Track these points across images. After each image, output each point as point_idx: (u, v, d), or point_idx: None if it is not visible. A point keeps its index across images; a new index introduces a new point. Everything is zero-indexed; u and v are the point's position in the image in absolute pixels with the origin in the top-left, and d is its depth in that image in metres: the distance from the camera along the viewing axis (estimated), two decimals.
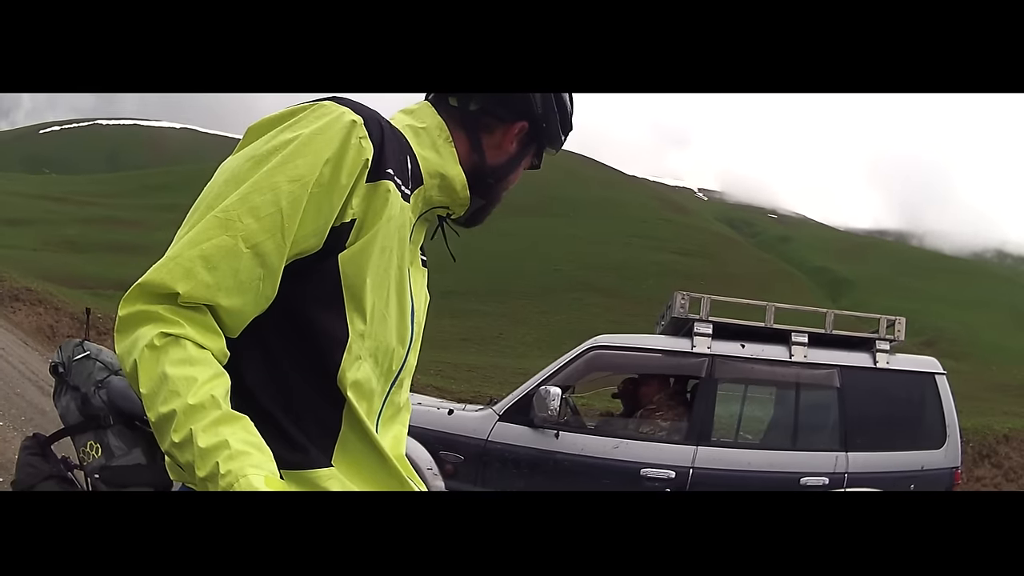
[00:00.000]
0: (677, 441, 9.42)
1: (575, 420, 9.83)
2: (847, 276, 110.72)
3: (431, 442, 9.30)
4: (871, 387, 9.73)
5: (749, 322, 10.02)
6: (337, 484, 2.21)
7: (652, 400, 9.88)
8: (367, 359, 2.28)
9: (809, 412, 9.98)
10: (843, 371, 9.67)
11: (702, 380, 9.76)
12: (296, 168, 2.10)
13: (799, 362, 9.73)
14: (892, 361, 9.75)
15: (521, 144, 2.62)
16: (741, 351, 9.75)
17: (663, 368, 10.16)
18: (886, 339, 9.75)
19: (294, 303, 2.18)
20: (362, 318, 2.24)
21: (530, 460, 9.23)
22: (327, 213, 2.15)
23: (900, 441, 9.58)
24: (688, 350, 9.74)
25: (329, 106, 2.20)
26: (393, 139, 2.28)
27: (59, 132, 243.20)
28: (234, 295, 2.06)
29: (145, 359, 1.95)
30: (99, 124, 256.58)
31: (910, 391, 9.83)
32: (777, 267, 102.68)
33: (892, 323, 9.83)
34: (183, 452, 1.90)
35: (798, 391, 9.92)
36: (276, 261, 2.10)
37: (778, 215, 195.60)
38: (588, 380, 10.73)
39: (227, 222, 2.05)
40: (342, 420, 2.26)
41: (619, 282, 75.99)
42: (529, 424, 9.25)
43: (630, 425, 9.87)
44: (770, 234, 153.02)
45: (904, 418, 9.85)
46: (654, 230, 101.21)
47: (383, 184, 2.21)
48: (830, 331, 9.89)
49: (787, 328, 9.86)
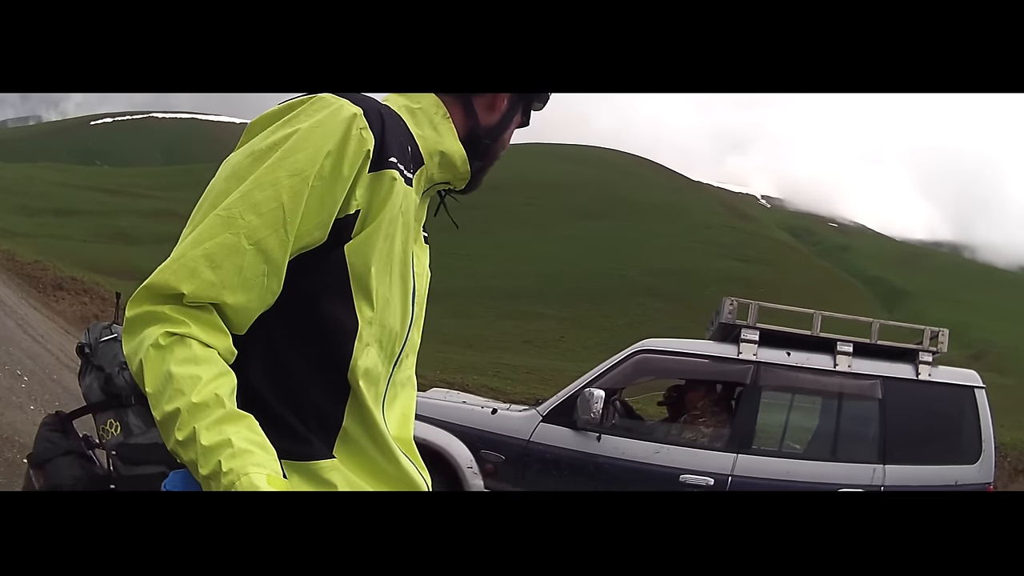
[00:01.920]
0: (718, 448, 9.25)
1: (619, 423, 9.69)
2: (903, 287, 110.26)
3: (473, 441, 9.24)
4: (912, 399, 9.48)
5: (795, 330, 9.79)
6: (338, 475, 2.18)
7: (696, 406, 9.74)
8: (374, 344, 2.25)
9: (850, 423, 9.75)
10: (885, 382, 9.43)
11: (746, 387, 9.58)
12: (296, 162, 2.07)
13: (842, 372, 9.50)
14: (934, 373, 9.49)
15: (511, 100, 2.55)
16: (786, 359, 9.55)
17: (708, 374, 9.99)
18: (929, 351, 9.50)
19: (302, 296, 2.15)
20: (370, 306, 2.21)
21: (571, 462, 9.10)
22: (330, 206, 2.11)
23: (937, 454, 9.33)
24: (734, 356, 9.55)
25: (328, 99, 2.17)
26: (394, 126, 2.25)
27: (111, 124, 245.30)
28: (239, 292, 2.03)
29: (151, 358, 1.94)
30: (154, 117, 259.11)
31: (949, 404, 9.56)
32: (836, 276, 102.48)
33: (936, 335, 9.57)
34: (187, 450, 1.88)
35: (840, 401, 9.69)
36: (280, 256, 2.07)
37: (838, 223, 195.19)
38: (637, 384, 10.60)
39: (229, 220, 2.03)
40: (345, 411, 2.22)
41: (682, 288, 76.08)
42: (572, 426, 9.14)
43: (673, 430, 9.75)
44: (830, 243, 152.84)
45: (942, 431, 9.59)
46: (718, 236, 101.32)
47: (387, 173, 2.18)
48: (875, 341, 9.66)
49: (833, 337, 9.65)
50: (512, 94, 2.54)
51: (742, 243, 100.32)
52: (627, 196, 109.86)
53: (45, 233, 64.94)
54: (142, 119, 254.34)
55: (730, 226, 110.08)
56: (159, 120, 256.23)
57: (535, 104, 2.66)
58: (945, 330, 9.67)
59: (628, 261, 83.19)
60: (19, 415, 9.50)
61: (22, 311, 17.29)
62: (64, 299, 23.70)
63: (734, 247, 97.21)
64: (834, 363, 9.53)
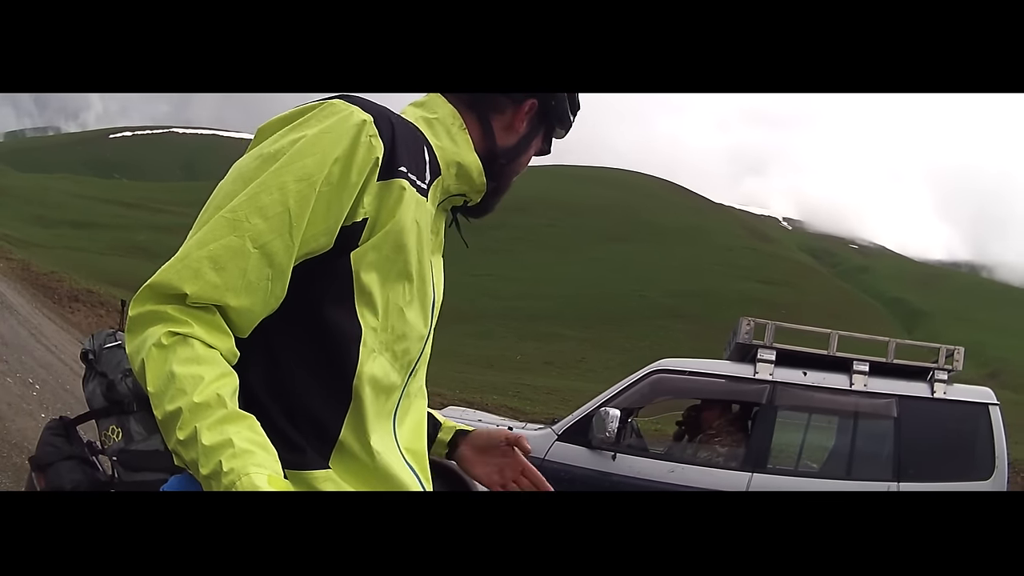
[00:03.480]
0: (733, 467, 9.22)
1: (634, 442, 9.64)
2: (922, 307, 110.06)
3: None
4: (927, 417, 9.40)
5: (812, 350, 9.74)
6: (332, 487, 2.14)
7: (712, 425, 9.69)
8: (384, 352, 2.22)
9: (866, 441, 9.69)
10: (901, 401, 9.36)
11: (762, 407, 9.52)
12: (304, 167, 2.04)
13: (858, 391, 9.43)
14: (949, 391, 9.42)
15: (531, 124, 2.52)
16: (803, 379, 9.49)
17: (724, 393, 9.95)
18: (944, 369, 9.44)
19: (306, 302, 2.12)
20: (374, 314, 2.17)
21: (585, 480, 9.01)
22: (336, 212, 2.08)
23: (951, 471, 9.20)
24: (750, 376, 9.50)
25: (338, 104, 2.14)
26: (406, 135, 2.21)
27: (130, 138, 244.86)
28: (242, 295, 2.01)
29: (153, 358, 1.91)
30: (174, 132, 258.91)
31: (964, 421, 9.48)
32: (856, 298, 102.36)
33: (951, 353, 9.50)
34: (188, 450, 1.86)
35: (856, 420, 9.63)
36: (285, 261, 2.04)
37: (858, 245, 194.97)
38: (654, 404, 10.54)
39: (235, 222, 2.00)
40: (344, 422, 2.18)
41: (703, 309, 76.03)
42: (587, 445, 9.10)
43: (688, 449, 9.71)
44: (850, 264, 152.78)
45: (956, 448, 9.51)
46: (739, 258, 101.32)
47: (396, 183, 2.14)
48: (891, 360, 9.57)
49: (849, 356, 9.58)
50: (531, 118, 2.51)
51: (763, 265, 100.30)
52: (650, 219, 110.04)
53: (62, 244, 65.09)
54: (162, 134, 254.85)
55: (751, 248, 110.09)
56: (179, 135, 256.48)
57: (557, 131, 2.63)
58: (960, 348, 9.61)
59: (649, 283, 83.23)
60: (30, 422, 9.54)
61: (36, 320, 17.26)
62: (80, 311, 23.59)
63: (755, 269, 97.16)
64: (850, 382, 9.46)
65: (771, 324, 9.66)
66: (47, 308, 21.54)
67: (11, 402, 9.91)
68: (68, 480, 4.09)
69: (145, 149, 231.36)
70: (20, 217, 74.14)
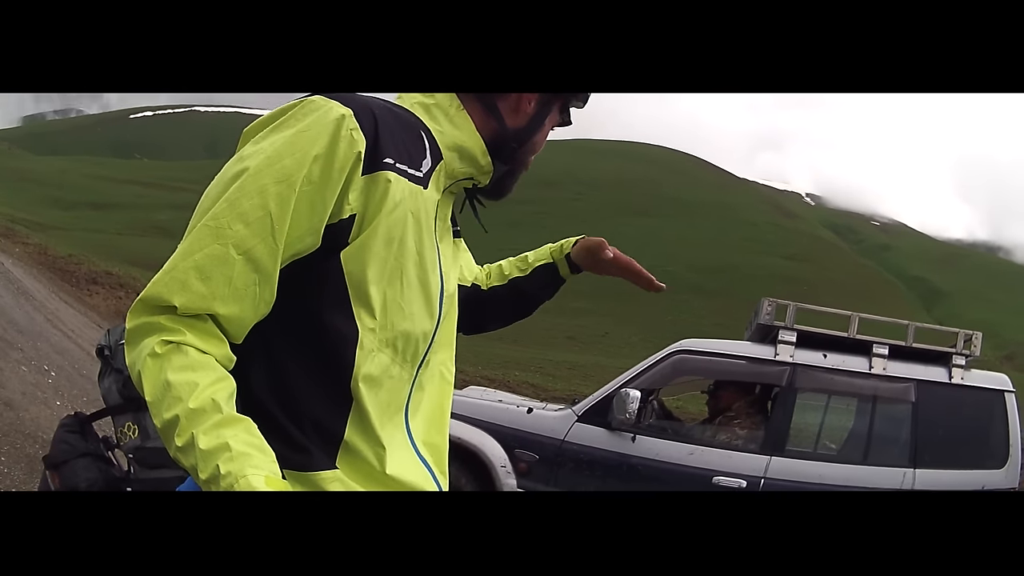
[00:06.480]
0: (752, 450, 9.10)
1: (654, 424, 9.56)
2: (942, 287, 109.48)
3: (508, 440, 9.16)
4: (944, 403, 9.26)
5: (832, 331, 9.59)
6: (340, 487, 2.12)
7: (731, 407, 9.61)
8: (383, 350, 2.18)
9: (884, 426, 9.54)
10: (919, 385, 9.23)
11: (782, 389, 9.40)
12: (283, 168, 2.00)
13: (877, 375, 9.30)
14: (966, 377, 9.27)
15: (540, 104, 2.44)
16: (823, 361, 9.36)
17: (744, 375, 9.80)
18: (963, 354, 9.29)
19: (300, 305, 2.09)
20: (370, 313, 2.13)
21: (604, 462, 8.98)
22: (320, 211, 2.04)
23: (966, 459, 9.10)
24: (771, 358, 9.38)
25: (317, 101, 2.09)
26: (393, 125, 2.15)
27: (152, 117, 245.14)
28: (230, 303, 1.98)
29: (148, 368, 1.91)
30: (197, 111, 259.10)
31: (979, 408, 9.32)
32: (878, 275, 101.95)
33: (970, 338, 9.37)
34: (187, 456, 1.85)
35: (874, 404, 9.48)
36: (270, 265, 2.01)
37: (879, 222, 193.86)
38: (676, 384, 10.46)
39: (217, 230, 1.97)
40: (347, 422, 2.15)
41: (727, 285, 75.87)
42: (607, 426, 9.03)
43: (708, 431, 9.60)
44: (872, 241, 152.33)
45: (972, 435, 9.36)
46: (763, 234, 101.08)
47: (382, 175, 2.08)
48: (911, 344, 9.46)
49: (869, 339, 9.43)
50: (540, 97, 2.43)
51: (787, 241, 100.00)
52: (675, 194, 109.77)
53: (80, 227, 65.00)
54: (184, 112, 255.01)
55: (775, 223, 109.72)
56: (201, 114, 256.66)
57: (575, 103, 2.55)
58: (979, 333, 9.48)
59: (674, 258, 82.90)
60: (44, 411, 9.45)
61: (53, 305, 17.15)
62: (98, 293, 23.44)
63: (779, 245, 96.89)
64: (870, 365, 9.33)
65: (792, 305, 9.53)
66: (64, 292, 21.48)
67: (25, 391, 9.83)
68: (83, 479, 4.05)
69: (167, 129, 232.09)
70: (37, 200, 74.40)
